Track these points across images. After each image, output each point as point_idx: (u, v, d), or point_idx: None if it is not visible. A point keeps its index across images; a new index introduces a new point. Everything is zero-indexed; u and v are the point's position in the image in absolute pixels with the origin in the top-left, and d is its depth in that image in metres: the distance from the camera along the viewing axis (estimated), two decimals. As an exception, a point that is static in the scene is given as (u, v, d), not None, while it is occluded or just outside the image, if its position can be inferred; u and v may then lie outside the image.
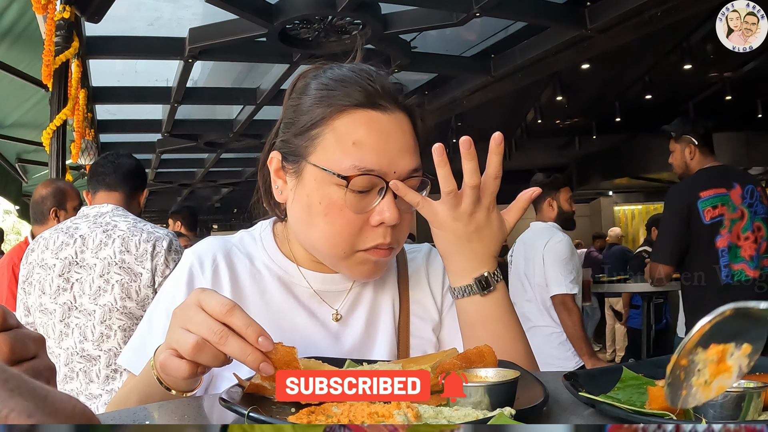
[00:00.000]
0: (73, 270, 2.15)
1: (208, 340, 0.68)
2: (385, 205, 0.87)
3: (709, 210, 2.91)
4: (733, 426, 0.46)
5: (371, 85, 0.89)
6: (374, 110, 0.88)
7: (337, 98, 0.88)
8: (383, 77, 0.92)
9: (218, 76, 6.01)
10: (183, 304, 0.73)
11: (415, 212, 0.93)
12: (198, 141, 7.62)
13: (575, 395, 0.65)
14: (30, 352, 0.55)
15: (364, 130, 0.87)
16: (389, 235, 0.88)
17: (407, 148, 0.89)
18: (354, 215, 0.87)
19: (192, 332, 0.69)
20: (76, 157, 3.85)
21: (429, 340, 0.99)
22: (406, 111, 0.92)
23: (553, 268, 3.18)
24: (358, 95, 0.88)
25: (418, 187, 0.91)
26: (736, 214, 2.93)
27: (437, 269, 1.05)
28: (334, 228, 0.88)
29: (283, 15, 4.28)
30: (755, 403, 0.54)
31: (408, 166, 0.89)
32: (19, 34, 4.17)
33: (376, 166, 0.86)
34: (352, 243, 0.88)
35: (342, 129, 0.87)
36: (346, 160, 0.86)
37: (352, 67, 0.93)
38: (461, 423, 0.56)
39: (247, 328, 0.68)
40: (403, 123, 0.90)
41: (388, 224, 0.87)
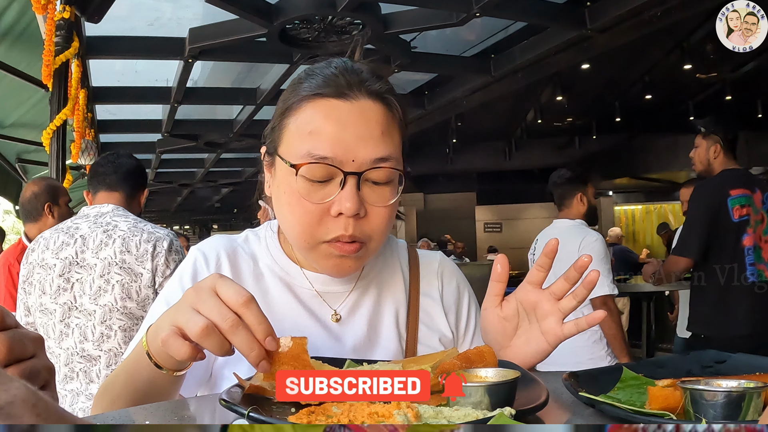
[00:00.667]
0: (74, 270, 2.15)
1: (218, 326, 0.67)
2: (344, 195, 0.84)
3: (737, 208, 2.94)
4: (733, 426, 0.46)
5: (336, 75, 0.88)
6: (336, 99, 0.86)
7: (302, 89, 0.89)
8: (358, 67, 0.90)
9: (218, 76, 6.01)
10: (197, 286, 0.71)
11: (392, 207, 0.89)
12: (198, 141, 7.63)
13: (575, 395, 0.65)
14: (28, 352, 0.55)
15: (322, 118, 0.86)
16: (351, 227, 0.85)
17: (370, 136, 0.86)
18: (312, 205, 0.86)
19: (203, 315, 0.68)
20: (76, 157, 3.85)
21: (435, 349, 0.98)
22: (378, 99, 0.88)
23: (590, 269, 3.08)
24: (321, 85, 0.87)
25: (391, 178, 0.88)
26: (758, 216, 2.97)
27: (451, 285, 1.05)
28: (295, 218, 0.88)
29: (283, 15, 4.28)
30: (755, 403, 0.54)
31: (370, 155, 0.85)
32: (19, 34, 4.18)
33: (330, 153, 0.84)
34: (313, 234, 0.87)
35: (302, 119, 0.87)
36: (302, 149, 0.86)
37: (332, 60, 0.92)
38: (461, 423, 0.56)
39: (258, 324, 0.68)
40: (370, 111, 0.87)
41: (347, 215, 0.84)
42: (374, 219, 0.87)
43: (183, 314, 0.69)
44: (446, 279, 1.05)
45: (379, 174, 0.86)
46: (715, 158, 3.06)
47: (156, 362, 0.76)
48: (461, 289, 1.06)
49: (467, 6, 4.25)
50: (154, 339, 0.76)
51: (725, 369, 0.76)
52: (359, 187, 0.85)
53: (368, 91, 0.88)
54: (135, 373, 0.80)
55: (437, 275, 1.04)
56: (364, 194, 0.86)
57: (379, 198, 0.87)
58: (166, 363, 0.76)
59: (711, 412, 0.54)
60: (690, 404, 0.55)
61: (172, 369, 0.77)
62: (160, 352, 0.75)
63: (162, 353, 0.76)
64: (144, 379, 0.79)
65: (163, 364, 0.76)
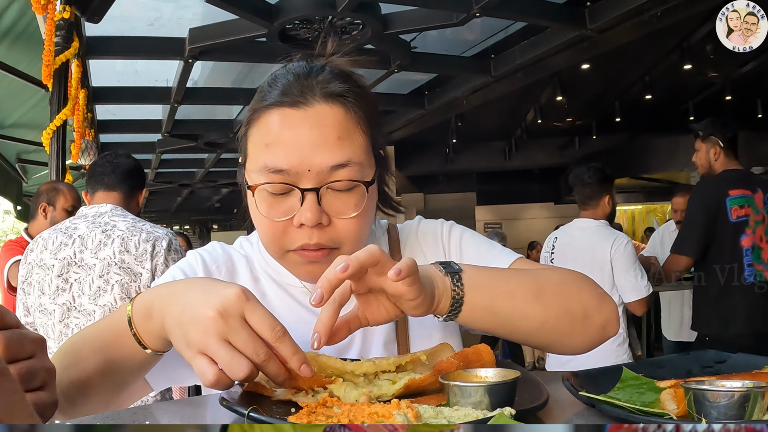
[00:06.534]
0: (72, 270, 2.15)
1: (251, 360, 0.66)
2: (303, 208, 0.83)
3: (736, 209, 2.94)
4: (734, 426, 0.45)
5: (291, 82, 0.86)
6: (290, 108, 0.85)
7: (257, 101, 0.88)
8: (317, 69, 0.88)
9: (218, 76, 6.00)
10: (224, 309, 0.67)
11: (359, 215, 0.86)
12: (198, 141, 7.63)
13: (575, 395, 0.64)
14: (26, 353, 0.55)
15: (277, 129, 0.84)
16: (315, 236, 0.85)
17: (325, 142, 0.83)
18: (273, 218, 0.85)
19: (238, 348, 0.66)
20: (76, 157, 3.85)
21: (433, 326, 0.95)
22: (336, 101, 0.86)
23: (626, 275, 2.97)
24: (277, 94, 0.86)
25: (354, 184, 0.85)
26: (758, 217, 2.97)
27: (430, 239, 1.02)
28: (262, 230, 0.89)
29: (283, 15, 4.28)
30: (760, 404, 0.54)
31: (326, 162, 0.83)
32: (19, 34, 4.18)
33: (286, 165, 0.83)
34: (279, 244, 0.87)
35: (261, 130, 0.86)
36: (260, 161, 0.85)
37: (292, 65, 0.91)
38: (461, 423, 0.55)
39: (293, 355, 0.66)
40: (325, 116, 0.84)
41: (308, 225, 0.84)
42: (342, 228, 0.86)
43: (212, 344, 0.66)
44: (427, 243, 1.02)
45: (339, 183, 0.84)
46: (716, 160, 3.06)
47: (144, 344, 0.77)
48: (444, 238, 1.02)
49: (467, 6, 4.26)
50: (144, 320, 0.76)
51: (725, 369, 0.76)
52: (319, 200, 0.84)
53: (324, 95, 0.85)
54: (111, 344, 0.79)
55: (419, 246, 1.02)
56: (326, 204, 0.85)
57: (344, 206, 0.85)
58: (153, 345, 0.77)
59: (714, 413, 0.54)
60: (692, 405, 0.55)
61: (161, 351, 0.78)
62: (147, 332, 0.76)
63: (148, 334, 0.76)
64: (122, 352, 0.79)
65: (150, 346, 0.77)
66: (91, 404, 0.82)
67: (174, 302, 0.72)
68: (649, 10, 4.37)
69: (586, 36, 4.80)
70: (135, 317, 0.77)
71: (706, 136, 3.09)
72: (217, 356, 0.66)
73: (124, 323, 0.77)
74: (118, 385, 0.83)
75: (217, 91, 6.20)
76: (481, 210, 13.59)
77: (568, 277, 0.89)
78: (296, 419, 0.58)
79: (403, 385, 0.68)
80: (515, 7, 4.47)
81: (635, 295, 2.97)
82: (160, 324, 0.74)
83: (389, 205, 1.02)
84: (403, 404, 0.58)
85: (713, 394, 0.54)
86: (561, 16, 4.70)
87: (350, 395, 0.67)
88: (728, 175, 3.02)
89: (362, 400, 0.66)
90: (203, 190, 13.10)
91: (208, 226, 17.97)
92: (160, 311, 0.74)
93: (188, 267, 0.97)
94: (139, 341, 0.77)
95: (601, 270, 2.99)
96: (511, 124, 10.19)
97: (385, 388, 0.69)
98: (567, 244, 3.19)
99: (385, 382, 0.70)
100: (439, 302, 0.78)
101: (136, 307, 0.77)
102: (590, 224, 3.13)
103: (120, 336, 0.78)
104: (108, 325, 0.82)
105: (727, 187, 2.97)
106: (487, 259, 0.97)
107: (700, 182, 3.19)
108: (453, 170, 12.01)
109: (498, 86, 6.20)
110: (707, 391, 0.55)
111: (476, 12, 4.25)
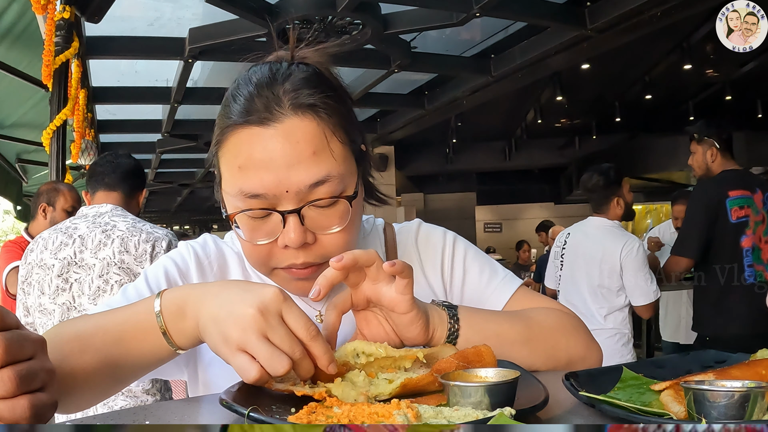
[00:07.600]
0: (72, 270, 2.15)
1: (287, 355, 0.67)
2: (286, 231, 0.81)
3: (736, 210, 2.94)
4: (734, 426, 0.45)
5: (254, 96, 0.82)
6: (257, 126, 0.80)
7: (223, 117, 0.85)
8: (282, 76, 0.83)
9: (218, 76, 6.01)
10: (264, 307, 0.68)
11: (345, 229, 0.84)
12: (198, 141, 7.63)
13: (575, 395, 0.64)
14: (25, 353, 0.55)
15: (247, 150, 0.80)
16: (302, 256, 0.83)
17: (299, 160, 0.79)
18: (256, 241, 0.84)
19: (276, 345, 0.67)
20: (76, 157, 3.85)
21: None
22: (307, 112, 0.81)
23: (635, 278, 2.97)
24: (241, 112, 0.81)
25: (336, 200, 0.82)
26: (758, 217, 2.97)
27: (430, 251, 0.99)
28: (246, 252, 0.88)
29: (283, 15, 4.28)
30: (760, 404, 0.54)
31: (304, 181, 0.79)
32: (19, 34, 4.18)
33: (262, 189, 0.80)
34: (266, 264, 0.86)
35: (231, 152, 0.83)
36: (235, 186, 0.82)
37: (254, 73, 0.86)
38: (461, 423, 0.55)
39: (324, 354, 0.68)
40: (297, 131, 0.80)
41: (292, 247, 0.82)
42: (328, 243, 0.84)
43: (253, 341, 0.67)
44: (427, 253, 1.00)
45: (321, 201, 0.81)
46: (713, 161, 3.05)
47: (170, 339, 0.75)
48: (447, 252, 1.00)
49: (467, 6, 4.26)
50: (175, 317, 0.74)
51: (726, 369, 0.76)
52: (302, 220, 0.81)
53: (294, 107, 0.80)
54: (131, 338, 0.76)
55: (415, 249, 1.00)
56: (309, 222, 0.82)
57: (327, 221, 0.83)
58: (181, 343, 0.75)
59: (714, 413, 0.54)
60: (692, 405, 0.55)
61: (184, 348, 0.77)
62: (178, 330, 0.74)
63: (179, 332, 0.74)
64: (142, 348, 0.76)
65: (176, 342, 0.75)
66: (85, 396, 0.78)
67: (210, 301, 0.72)
68: (649, 10, 4.38)
69: (586, 36, 4.81)
70: (165, 314, 0.74)
71: (701, 138, 3.09)
72: (258, 352, 0.67)
73: (149, 318, 0.75)
74: (122, 379, 0.81)
75: (217, 91, 6.13)
76: (481, 210, 13.60)
77: (560, 323, 0.90)
78: (296, 419, 0.58)
79: (399, 384, 0.68)
80: (515, 7, 4.47)
81: (643, 300, 2.99)
82: (194, 323, 0.73)
83: (374, 196, 0.98)
84: (403, 404, 0.58)
85: (713, 394, 0.54)
86: (561, 16, 4.70)
87: (349, 395, 0.67)
88: (728, 176, 3.02)
89: (360, 399, 0.66)
90: (203, 190, 13.09)
91: (208, 226, 17.96)
92: (194, 310, 0.73)
93: (180, 259, 0.96)
94: (168, 338, 0.75)
95: (610, 270, 3.01)
96: (511, 124, 10.20)
97: (382, 387, 0.69)
98: (579, 241, 3.22)
99: (382, 381, 0.70)
100: (434, 331, 0.80)
101: (166, 304, 0.75)
102: (604, 224, 3.16)
103: (143, 330, 0.75)
104: (129, 318, 0.78)
105: (727, 187, 2.97)
106: (488, 284, 0.97)
107: (699, 183, 3.19)
108: (453, 170, 12.02)
109: (498, 86, 6.20)
110: (707, 391, 0.55)
111: (476, 12, 4.25)
